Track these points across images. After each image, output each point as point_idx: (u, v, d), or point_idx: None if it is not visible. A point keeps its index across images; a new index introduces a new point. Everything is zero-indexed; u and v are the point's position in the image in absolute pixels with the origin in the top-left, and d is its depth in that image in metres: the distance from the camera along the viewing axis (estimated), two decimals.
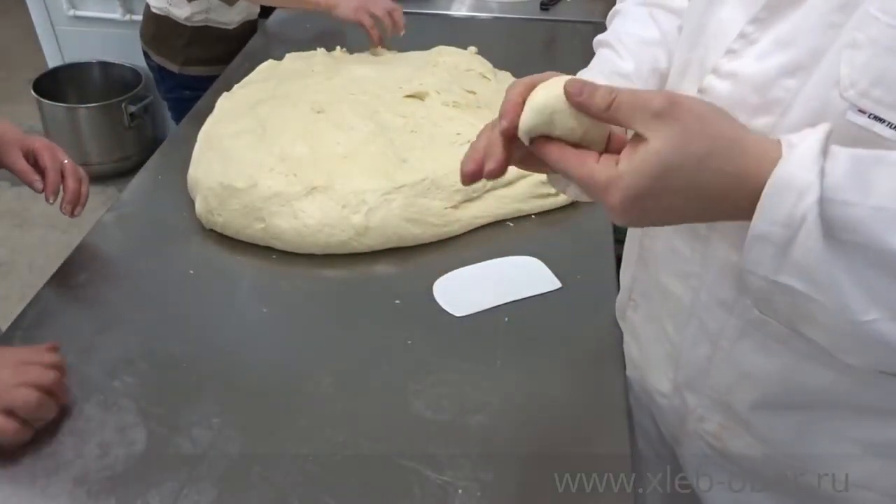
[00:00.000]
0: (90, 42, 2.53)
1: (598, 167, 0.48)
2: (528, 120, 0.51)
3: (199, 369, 0.83)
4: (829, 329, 0.48)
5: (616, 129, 0.52)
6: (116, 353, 0.84)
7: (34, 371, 0.73)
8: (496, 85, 1.31)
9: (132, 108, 2.47)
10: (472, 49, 1.41)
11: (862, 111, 0.49)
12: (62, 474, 0.71)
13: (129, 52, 2.49)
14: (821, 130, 0.46)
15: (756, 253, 0.47)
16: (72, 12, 2.46)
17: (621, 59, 0.74)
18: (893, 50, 0.47)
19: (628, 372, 0.84)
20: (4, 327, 0.88)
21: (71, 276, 0.96)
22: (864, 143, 0.49)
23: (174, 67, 1.71)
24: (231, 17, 1.70)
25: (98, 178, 2.67)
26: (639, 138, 0.46)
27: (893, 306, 0.46)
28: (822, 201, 0.44)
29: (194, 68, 1.70)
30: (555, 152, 0.51)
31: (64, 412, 0.77)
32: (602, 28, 0.83)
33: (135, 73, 2.54)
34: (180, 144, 1.20)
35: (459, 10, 1.87)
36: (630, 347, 0.83)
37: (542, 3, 1.88)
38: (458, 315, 0.91)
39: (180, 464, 0.72)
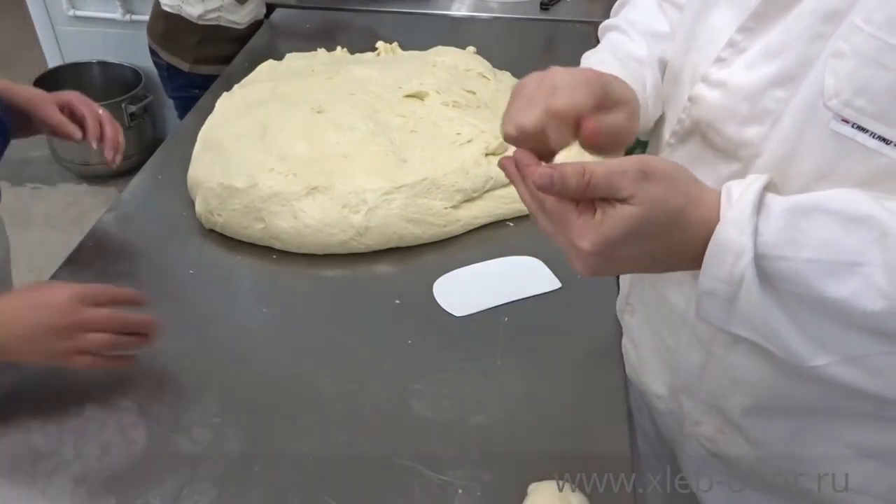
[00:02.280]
0: (90, 42, 2.53)
1: (575, 212, 0.50)
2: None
3: (199, 369, 0.83)
4: (793, 365, 0.50)
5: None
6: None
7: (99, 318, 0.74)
8: (496, 85, 1.31)
9: (132, 108, 2.47)
10: (471, 49, 1.41)
11: (846, 121, 0.50)
12: (62, 474, 0.71)
13: (129, 52, 2.50)
14: (757, 184, 0.48)
15: (706, 306, 0.50)
16: (72, 12, 2.46)
17: (634, 42, 0.72)
18: (876, 60, 0.48)
19: (627, 373, 0.84)
20: None
21: (71, 275, 0.96)
22: (849, 153, 0.50)
23: (184, 66, 1.71)
24: (242, 17, 1.70)
25: (98, 178, 2.67)
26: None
27: (842, 350, 0.47)
28: (758, 258, 0.46)
29: (205, 67, 1.70)
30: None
31: (64, 412, 0.77)
32: None
33: (135, 73, 2.54)
34: (180, 144, 1.20)
35: (459, 10, 1.87)
36: (628, 350, 0.83)
37: (541, 3, 1.88)
38: (457, 315, 0.91)
39: (180, 464, 0.72)
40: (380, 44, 1.48)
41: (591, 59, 0.72)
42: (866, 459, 0.62)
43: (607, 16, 0.82)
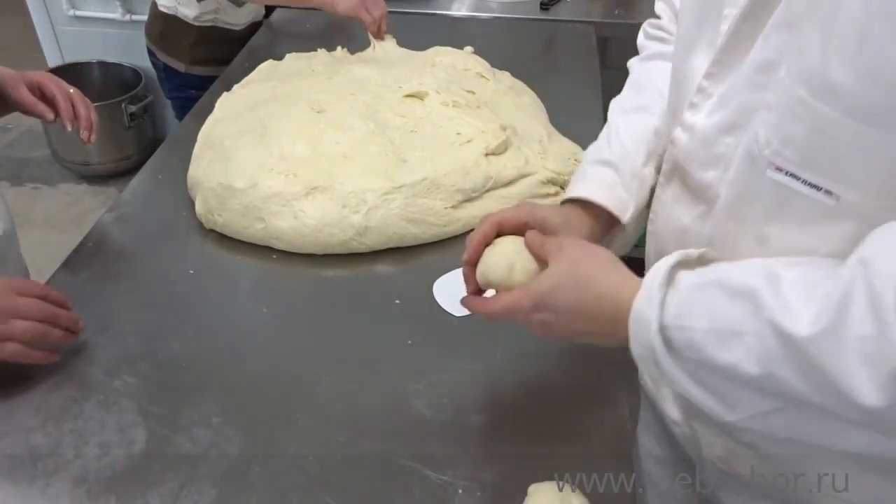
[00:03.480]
0: (90, 42, 2.53)
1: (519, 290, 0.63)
2: (493, 276, 0.66)
3: (199, 369, 0.83)
4: None
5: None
6: (116, 353, 0.84)
7: (30, 303, 0.77)
8: (495, 84, 1.31)
9: (132, 108, 2.47)
10: (469, 49, 1.41)
11: (780, 169, 0.54)
12: (62, 474, 0.71)
13: (129, 52, 2.50)
14: (671, 260, 0.55)
15: (642, 367, 0.57)
16: (72, 12, 2.46)
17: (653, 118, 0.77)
18: (796, 114, 0.52)
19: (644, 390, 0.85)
20: None
21: (71, 276, 0.96)
22: (788, 199, 0.54)
23: (181, 66, 1.71)
24: (239, 19, 1.70)
25: (98, 178, 2.67)
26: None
27: (746, 409, 0.51)
28: (664, 328, 0.53)
29: (201, 68, 1.70)
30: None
31: (64, 412, 0.77)
32: (601, 27, 0.84)
33: (135, 73, 2.54)
34: (180, 144, 1.20)
35: (459, 10, 1.87)
36: (644, 377, 0.83)
37: (541, 3, 1.88)
38: (457, 315, 0.90)
39: (180, 464, 0.72)
40: (372, 40, 1.49)
41: (596, 173, 0.78)
42: (870, 470, 0.62)
43: (607, 16, 0.83)
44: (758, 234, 0.58)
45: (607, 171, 0.76)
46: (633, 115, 0.78)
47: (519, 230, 0.69)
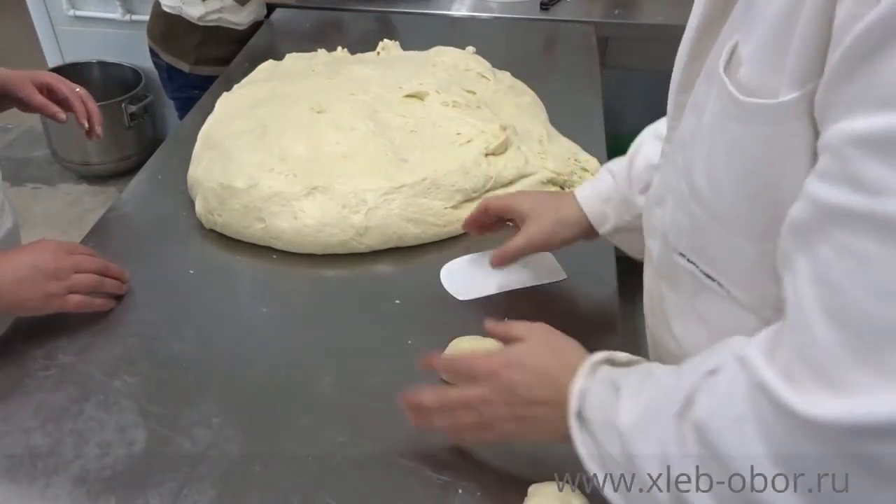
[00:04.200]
0: (90, 42, 2.53)
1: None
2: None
3: (199, 369, 0.83)
4: None
5: None
6: (116, 353, 0.84)
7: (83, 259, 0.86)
8: (495, 84, 1.31)
9: (132, 108, 2.47)
10: (470, 49, 1.41)
11: (682, 255, 0.57)
12: (62, 474, 0.71)
13: (129, 52, 2.50)
14: (595, 357, 0.60)
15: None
16: (72, 12, 2.46)
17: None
18: (681, 205, 0.56)
19: None
20: (5, 327, 0.88)
21: None
22: (693, 282, 0.56)
23: (185, 66, 1.71)
24: (242, 18, 1.70)
25: (98, 178, 2.67)
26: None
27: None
28: (581, 411, 0.57)
29: (205, 68, 1.69)
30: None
31: (64, 412, 0.77)
32: (601, 27, 0.85)
33: (135, 73, 2.54)
34: (180, 144, 1.20)
35: (459, 10, 1.87)
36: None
37: (541, 3, 1.88)
38: (461, 299, 0.93)
39: (180, 464, 0.72)
40: (383, 42, 1.48)
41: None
42: None
43: (607, 16, 0.85)
44: (685, 308, 0.60)
45: (608, 180, 0.84)
46: (657, 143, 0.79)
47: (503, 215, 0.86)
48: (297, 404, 0.79)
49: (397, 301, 0.94)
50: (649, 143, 0.80)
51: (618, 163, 0.85)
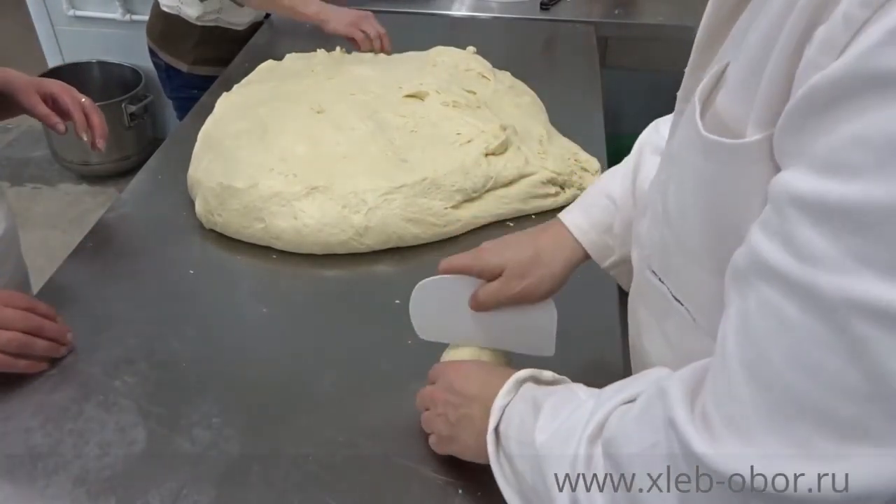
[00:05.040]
0: (90, 42, 2.53)
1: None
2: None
3: (199, 369, 0.83)
4: None
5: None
6: (116, 353, 0.84)
7: (9, 313, 0.77)
8: (495, 84, 1.31)
9: (132, 108, 2.47)
10: (471, 49, 1.41)
11: (654, 273, 0.56)
12: (62, 474, 0.71)
13: (129, 52, 2.49)
14: (520, 374, 0.61)
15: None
16: (72, 12, 2.46)
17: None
18: (654, 223, 0.55)
19: None
20: None
21: (71, 275, 0.96)
22: (663, 302, 0.55)
23: (183, 66, 1.71)
24: (241, 18, 1.70)
25: (98, 178, 2.67)
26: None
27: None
28: (498, 426, 0.59)
29: (203, 68, 1.69)
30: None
31: (64, 412, 0.77)
32: (601, 27, 0.84)
33: (135, 73, 2.54)
34: (180, 144, 1.20)
35: (459, 10, 1.87)
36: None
37: (542, 3, 1.88)
38: (421, 337, 0.80)
39: (180, 464, 0.72)
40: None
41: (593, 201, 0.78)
42: None
43: (607, 16, 0.83)
44: (655, 331, 0.59)
45: (608, 207, 0.74)
46: (657, 158, 0.74)
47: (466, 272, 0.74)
48: (297, 404, 0.79)
49: (397, 301, 0.94)
50: (651, 159, 0.71)
51: (615, 184, 0.74)
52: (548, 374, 0.62)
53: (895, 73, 0.31)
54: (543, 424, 0.54)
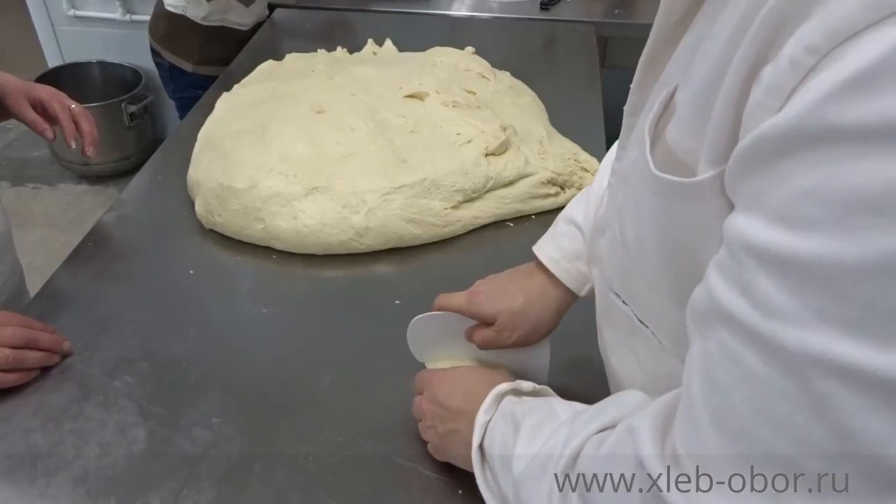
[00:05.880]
0: (90, 42, 2.53)
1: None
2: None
3: (199, 369, 0.83)
4: None
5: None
6: (116, 353, 0.84)
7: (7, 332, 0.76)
8: (495, 84, 1.31)
9: (132, 108, 2.47)
10: (470, 49, 1.41)
11: (617, 294, 0.56)
12: (62, 474, 0.71)
13: (129, 52, 2.49)
14: (502, 387, 0.62)
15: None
16: (72, 12, 2.46)
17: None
18: (615, 249, 0.54)
19: None
20: None
21: (71, 276, 0.96)
22: (628, 323, 0.54)
23: (188, 66, 1.71)
24: (246, 18, 1.70)
25: (98, 178, 2.67)
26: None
27: None
28: (482, 444, 0.60)
29: (208, 68, 1.70)
30: None
31: (64, 412, 0.77)
32: (601, 27, 0.83)
33: (135, 73, 2.54)
34: (180, 144, 1.20)
35: (459, 10, 1.88)
36: None
37: (541, 3, 1.88)
38: (420, 361, 0.81)
39: (180, 464, 0.72)
40: (369, 43, 1.48)
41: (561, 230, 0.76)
42: None
43: (607, 16, 0.82)
44: (624, 350, 0.58)
45: (574, 234, 0.73)
46: None
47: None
48: (297, 404, 0.79)
49: (397, 301, 0.94)
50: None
51: (580, 210, 0.73)
52: (527, 385, 0.63)
53: (846, 127, 0.30)
54: (522, 450, 0.54)
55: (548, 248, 0.74)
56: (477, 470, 0.60)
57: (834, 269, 0.31)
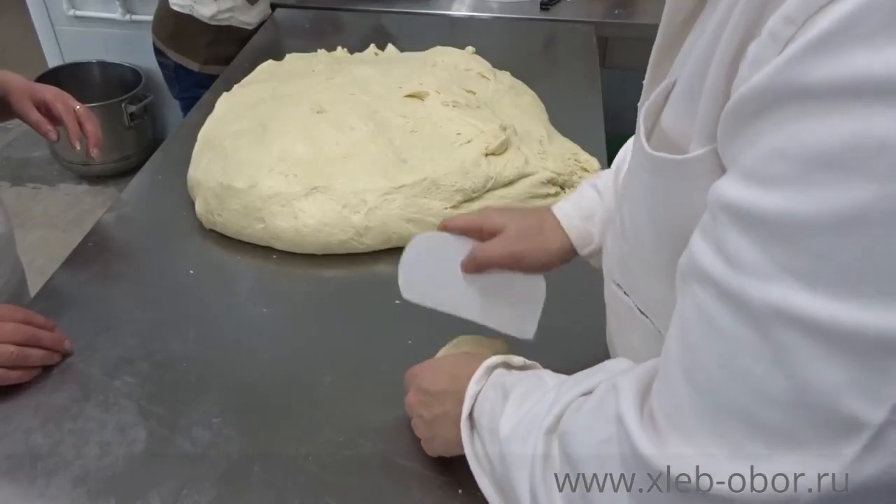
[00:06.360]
0: (90, 42, 2.53)
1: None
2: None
3: (199, 369, 0.83)
4: None
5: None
6: (116, 353, 0.84)
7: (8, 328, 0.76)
8: (495, 84, 1.31)
9: (132, 108, 2.47)
10: (470, 49, 1.41)
11: (618, 285, 0.57)
12: (62, 474, 0.71)
13: (129, 52, 2.50)
14: (491, 360, 0.62)
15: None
16: (72, 12, 2.46)
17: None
18: (615, 239, 0.55)
19: None
20: None
21: (71, 276, 0.96)
22: (629, 314, 0.55)
23: (195, 66, 1.71)
24: (252, 17, 1.71)
25: (98, 178, 2.67)
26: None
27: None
28: (471, 414, 0.60)
29: (215, 67, 1.70)
30: None
31: (64, 412, 0.77)
32: (601, 27, 0.83)
33: (135, 73, 2.54)
34: (180, 144, 1.20)
35: (459, 10, 1.88)
36: None
37: (541, 3, 1.88)
38: (404, 295, 0.78)
39: (180, 464, 0.72)
40: (372, 46, 1.48)
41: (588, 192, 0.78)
42: None
43: (607, 16, 0.83)
44: (625, 340, 0.60)
45: (593, 197, 0.75)
46: None
47: (471, 232, 0.74)
48: (297, 404, 0.79)
49: (397, 301, 0.93)
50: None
51: (603, 177, 0.76)
52: (518, 360, 0.63)
53: (812, 86, 0.31)
54: (509, 413, 0.54)
55: (565, 205, 0.76)
56: (466, 440, 0.60)
57: (795, 224, 0.32)
